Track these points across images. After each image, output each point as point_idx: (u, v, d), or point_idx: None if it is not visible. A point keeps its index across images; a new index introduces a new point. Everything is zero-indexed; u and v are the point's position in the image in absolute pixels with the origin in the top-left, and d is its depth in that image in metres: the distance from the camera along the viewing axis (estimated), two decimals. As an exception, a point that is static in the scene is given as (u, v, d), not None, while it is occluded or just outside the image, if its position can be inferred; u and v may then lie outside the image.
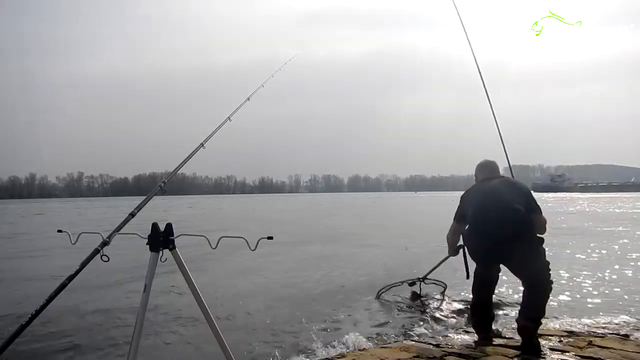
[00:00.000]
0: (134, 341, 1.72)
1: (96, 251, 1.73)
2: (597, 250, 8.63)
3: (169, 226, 1.85)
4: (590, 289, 5.37)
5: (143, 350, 3.37)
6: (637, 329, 3.55)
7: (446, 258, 4.09)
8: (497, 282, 3.26)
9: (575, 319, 3.93)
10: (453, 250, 3.48)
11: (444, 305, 4.58)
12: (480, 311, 3.21)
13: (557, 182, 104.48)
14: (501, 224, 2.92)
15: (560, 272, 6.17)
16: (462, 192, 3.41)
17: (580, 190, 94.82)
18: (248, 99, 2.92)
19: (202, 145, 2.37)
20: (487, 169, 3.35)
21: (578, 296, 4.98)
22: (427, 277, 4.84)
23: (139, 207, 1.91)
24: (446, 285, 4.96)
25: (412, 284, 4.85)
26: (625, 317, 3.98)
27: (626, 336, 3.30)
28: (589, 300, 4.83)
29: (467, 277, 3.38)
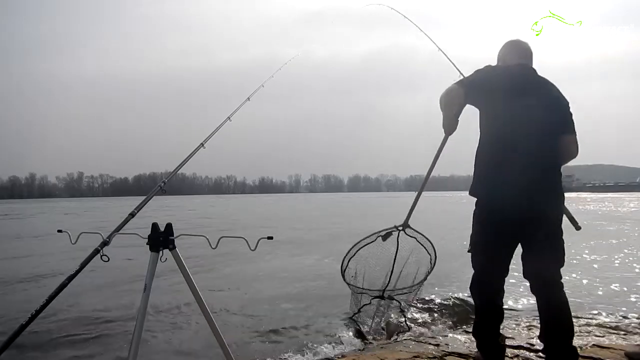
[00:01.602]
0: (134, 341, 1.72)
1: (96, 251, 1.73)
2: (603, 249, 8.63)
3: (168, 226, 1.85)
4: (591, 287, 5.36)
5: (143, 351, 3.37)
6: (638, 329, 3.54)
7: (424, 185, 3.12)
8: (508, 272, 2.37)
9: (575, 319, 3.93)
10: (450, 122, 2.39)
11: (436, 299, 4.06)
12: (489, 330, 2.42)
13: (566, 182, 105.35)
14: (537, 168, 2.15)
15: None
16: (462, 192, 3.06)
17: (589, 190, 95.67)
18: (248, 98, 2.92)
19: (202, 145, 2.37)
20: (522, 52, 2.36)
21: (578, 294, 4.97)
22: (409, 223, 3.31)
23: (139, 207, 1.91)
24: (434, 251, 3.43)
25: (386, 236, 3.32)
26: (625, 317, 3.97)
27: (626, 336, 3.29)
28: (588, 299, 4.82)
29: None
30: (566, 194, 2.35)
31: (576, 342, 3.08)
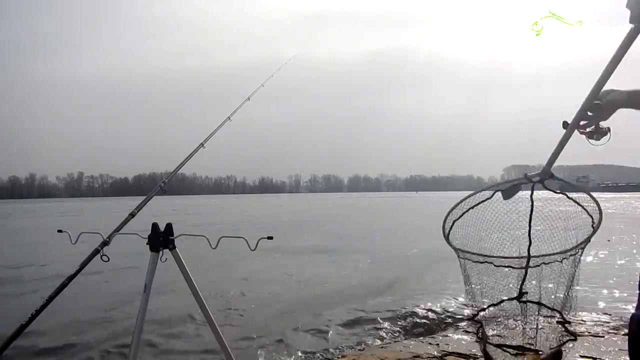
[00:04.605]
0: (134, 341, 1.72)
1: (96, 251, 1.73)
2: (613, 248, 8.64)
3: (168, 226, 1.85)
4: (594, 286, 5.36)
5: (143, 350, 3.37)
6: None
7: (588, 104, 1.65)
8: None
9: (574, 318, 3.93)
10: None
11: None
12: None
13: (582, 182, 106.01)
14: None
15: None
16: (461, 193, 2.56)
17: (602, 190, 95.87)
18: (248, 98, 2.91)
19: (202, 145, 2.37)
20: None
21: (580, 292, 4.96)
22: (552, 172, 1.93)
23: (139, 207, 1.91)
24: (599, 211, 1.89)
25: (511, 191, 2.04)
26: (625, 316, 3.97)
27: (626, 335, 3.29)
28: (589, 298, 4.82)
29: None
30: (582, 194, 1.61)
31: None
